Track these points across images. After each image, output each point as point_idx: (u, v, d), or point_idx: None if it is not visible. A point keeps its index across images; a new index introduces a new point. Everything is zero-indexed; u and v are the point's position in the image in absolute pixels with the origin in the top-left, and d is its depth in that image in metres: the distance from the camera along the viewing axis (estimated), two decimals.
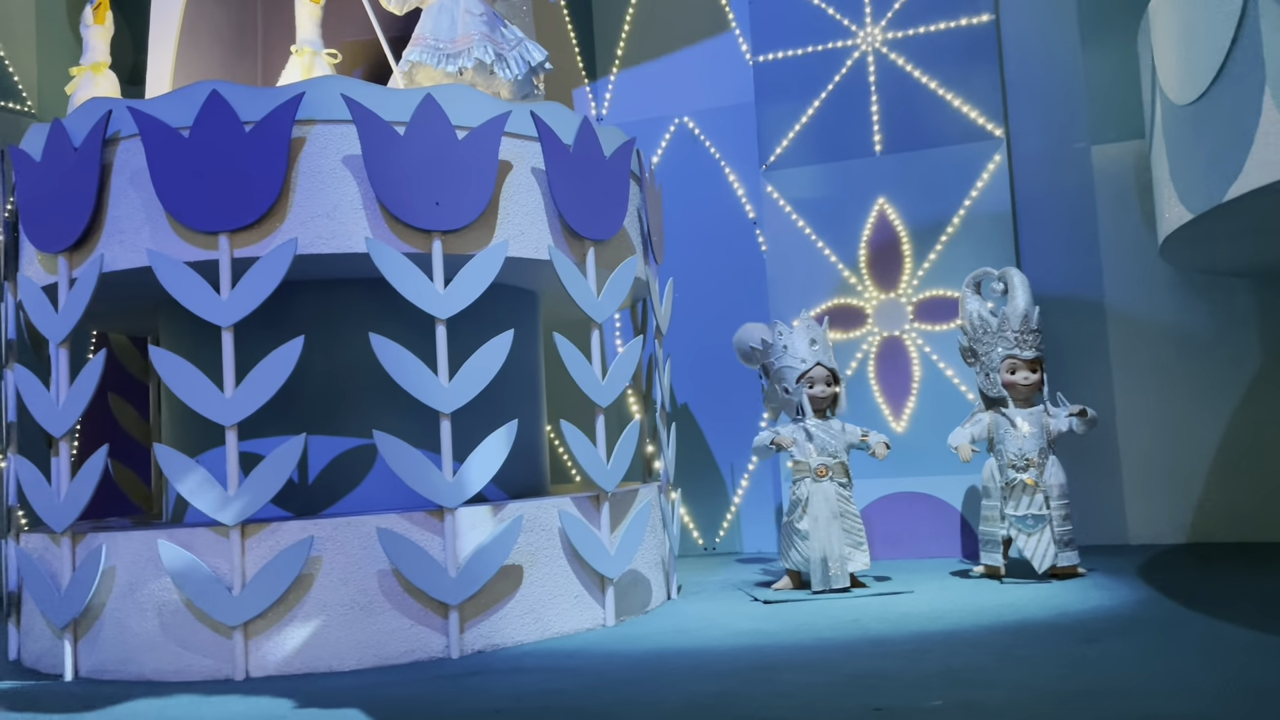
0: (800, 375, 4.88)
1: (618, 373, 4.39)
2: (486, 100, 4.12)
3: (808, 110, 6.13)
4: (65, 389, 3.94)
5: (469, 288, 3.96)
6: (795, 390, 4.87)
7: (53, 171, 3.99)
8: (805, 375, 4.88)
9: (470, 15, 4.48)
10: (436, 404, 3.89)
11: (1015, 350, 4.75)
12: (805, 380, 4.87)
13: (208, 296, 3.77)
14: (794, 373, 4.90)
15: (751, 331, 5.24)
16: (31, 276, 4.14)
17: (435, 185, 3.93)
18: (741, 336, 5.26)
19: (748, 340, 5.22)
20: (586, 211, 4.32)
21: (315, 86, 3.88)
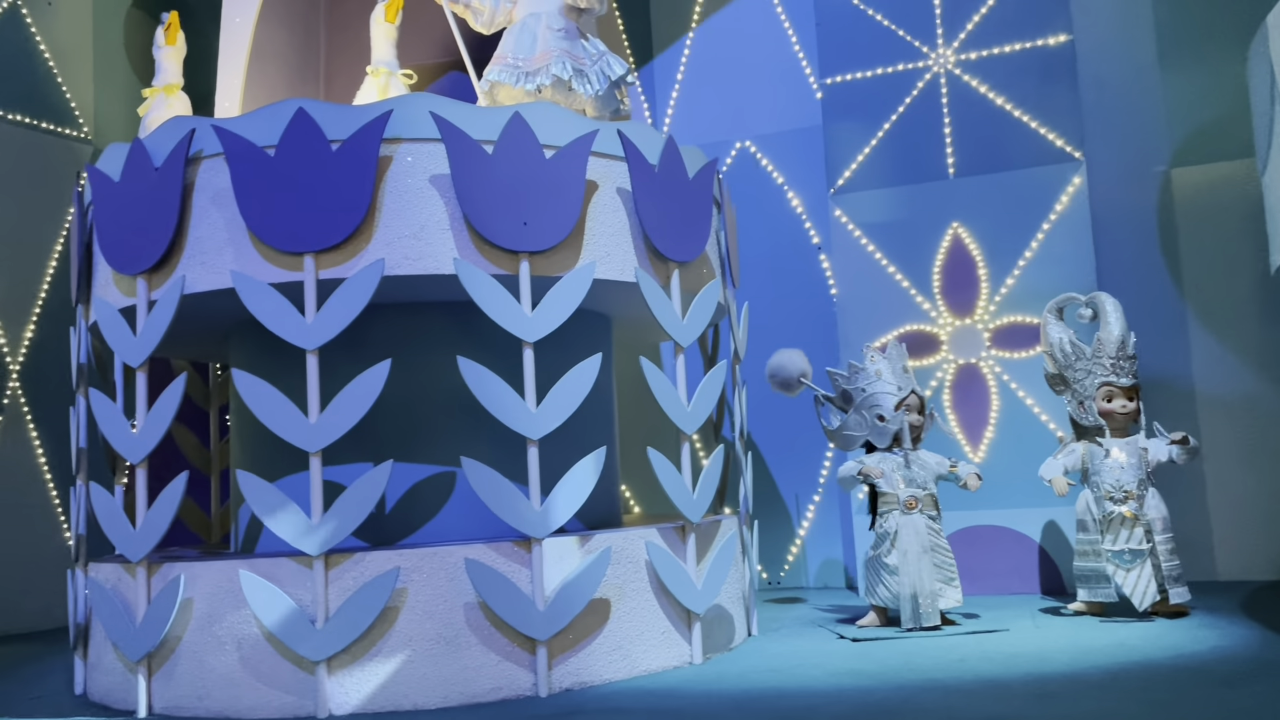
0: (899, 402, 4.71)
1: (703, 398, 4.25)
2: (574, 119, 4.02)
3: (877, 133, 6.01)
4: (143, 414, 3.83)
5: (557, 310, 3.83)
6: (894, 418, 4.69)
7: (132, 192, 3.91)
8: (903, 403, 4.71)
9: (550, 31, 4.39)
10: (524, 430, 3.76)
11: (1112, 377, 4.58)
12: (903, 408, 4.71)
13: (292, 319, 3.66)
14: (890, 399, 4.72)
15: (793, 359, 5.03)
16: (107, 299, 4.05)
17: (523, 205, 3.82)
18: (783, 364, 5.03)
19: (790, 368, 5.01)
20: (671, 233, 4.20)
21: (403, 104, 3.79)
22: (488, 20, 4.62)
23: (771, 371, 4.98)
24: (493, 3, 4.59)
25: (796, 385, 4.95)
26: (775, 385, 5.00)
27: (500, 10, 4.59)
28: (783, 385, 4.97)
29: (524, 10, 4.50)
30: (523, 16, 4.48)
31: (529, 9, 4.48)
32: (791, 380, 4.93)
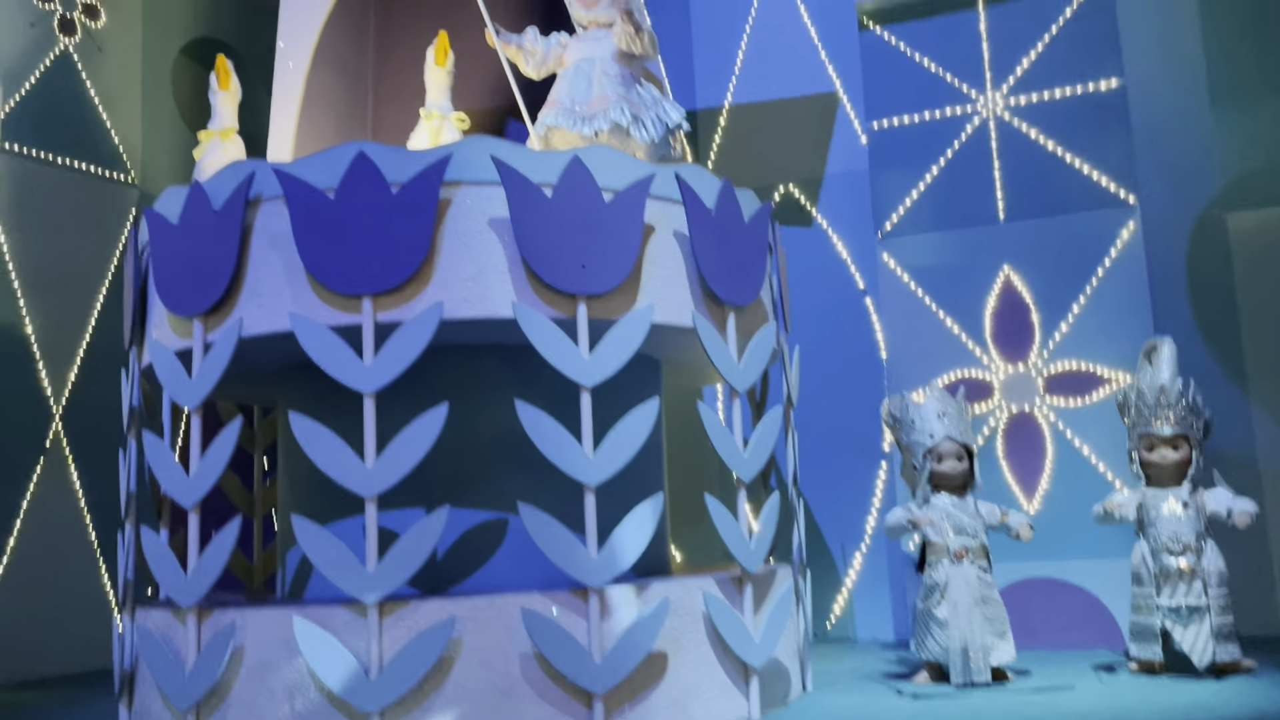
0: (927, 450, 4.61)
1: (759, 444, 4.17)
2: (632, 162, 4.00)
3: (925, 177, 5.97)
4: (197, 458, 3.79)
5: (615, 354, 3.78)
6: (923, 465, 4.60)
7: (190, 234, 3.91)
8: (933, 450, 4.61)
9: (606, 77, 4.39)
10: (581, 476, 3.69)
11: (1151, 426, 4.46)
12: (932, 455, 4.60)
13: (350, 362, 3.62)
14: (921, 447, 4.64)
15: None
16: (162, 341, 4.03)
17: (581, 248, 3.79)
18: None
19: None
20: (728, 276, 4.16)
21: (463, 148, 3.78)
22: (539, 64, 4.63)
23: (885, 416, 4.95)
24: (545, 47, 4.60)
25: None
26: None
27: (551, 55, 4.61)
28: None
29: (576, 55, 4.50)
30: (575, 61, 4.48)
31: (582, 54, 4.48)
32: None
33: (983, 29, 5.94)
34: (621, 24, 4.33)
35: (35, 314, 6.47)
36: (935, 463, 4.57)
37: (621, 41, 4.39)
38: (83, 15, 7.01)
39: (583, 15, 4.52)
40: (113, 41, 7.16)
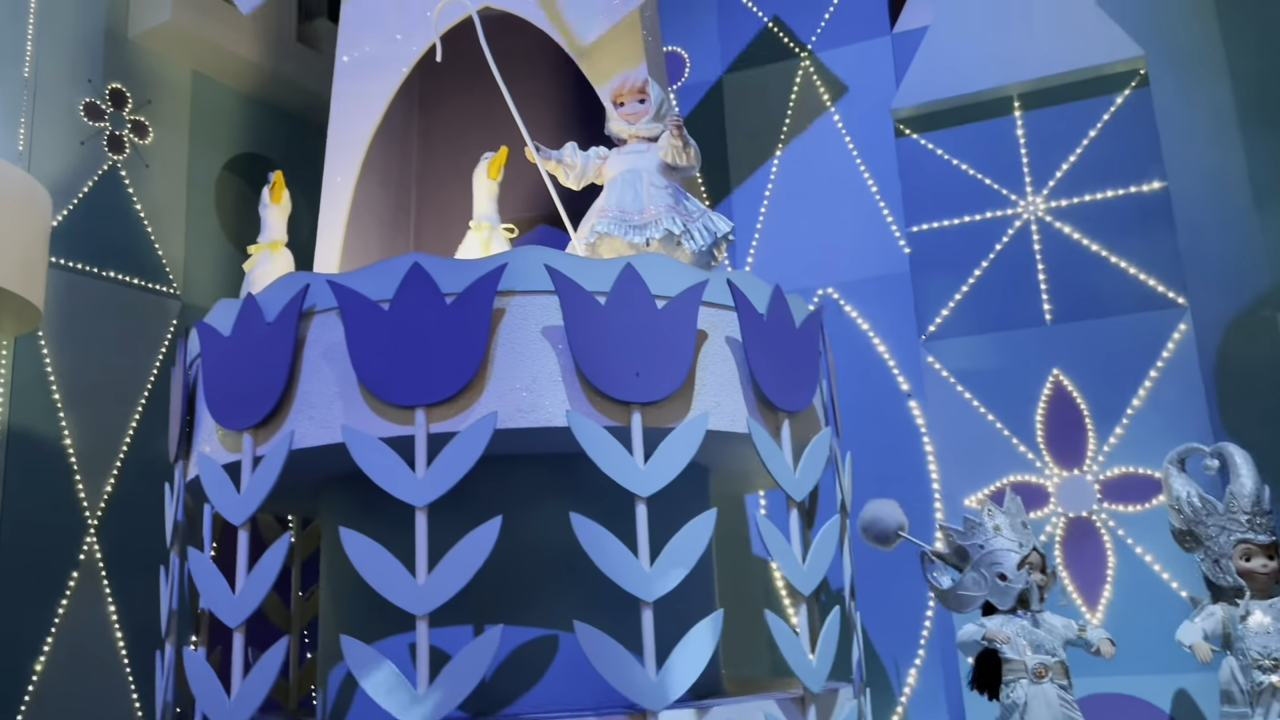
0: (1021, 560, 4.44)
1: (818, 556, 4.03)
2: (683, 269, 3.98)
3: (968, 279, 5.94)
4: (243, 575, 3.69)
5: (670, 463, 3.69)
6: (1017, 577, 4.41)
7: (242, 346, 3.89)
8: (1026, 560, 4.45)
9: (655, 188, 4.41)
10: (638, 591, 3.56)
11: (1249, 534, 4.30)
12: (1025, 566, 4.44)
13: (402, 474, 3.55)
14: (1012, 557, 4.46)
15: (889, 510, 4.80)
16: (211, 454, 3.97)
17: (635, 355, 3.74)
18: (879, 515, 4.80)
19: (888, 521, 4.77)
20: (781, 382, 4.09)
21: (517, 257, 3.78)
22: (578, 176, 4.67)
23: (865, 524, 4.75)
24: (584, 160, 4.65)
25: (894, 539, 4.70)
26: (869, 539, 4.75)
27: (590, 167, 4.65)
28: (878, 539, 4.72)
29: (619, 167, 4.54)
30: (620, 172, 4.51)
31: (625, 165, 4.52)
32: (888, 533, 4.69)
33: (1020, 134, 5.99)
34: (670, 138, 4.37)
35: (74, 425, 6.46)
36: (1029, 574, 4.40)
37: (668, 155, 4.43)
38: (131, 133, 7.19)
39: (625, 129, 4.57)
40: (159, 158, 7.34)
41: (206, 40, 7.36)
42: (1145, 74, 5.77)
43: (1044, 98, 5.93)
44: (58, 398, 6.41)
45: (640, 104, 4.54)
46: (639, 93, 4.54)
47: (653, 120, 4.53)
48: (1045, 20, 5.92)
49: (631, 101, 4.54)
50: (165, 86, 7.45)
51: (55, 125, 6.69)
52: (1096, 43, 5.81)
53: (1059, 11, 5.90)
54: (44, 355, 6.39)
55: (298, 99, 8.26)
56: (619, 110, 4.56)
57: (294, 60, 8.07)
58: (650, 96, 4.54)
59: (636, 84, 4.53)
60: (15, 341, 6.24)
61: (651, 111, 4.53)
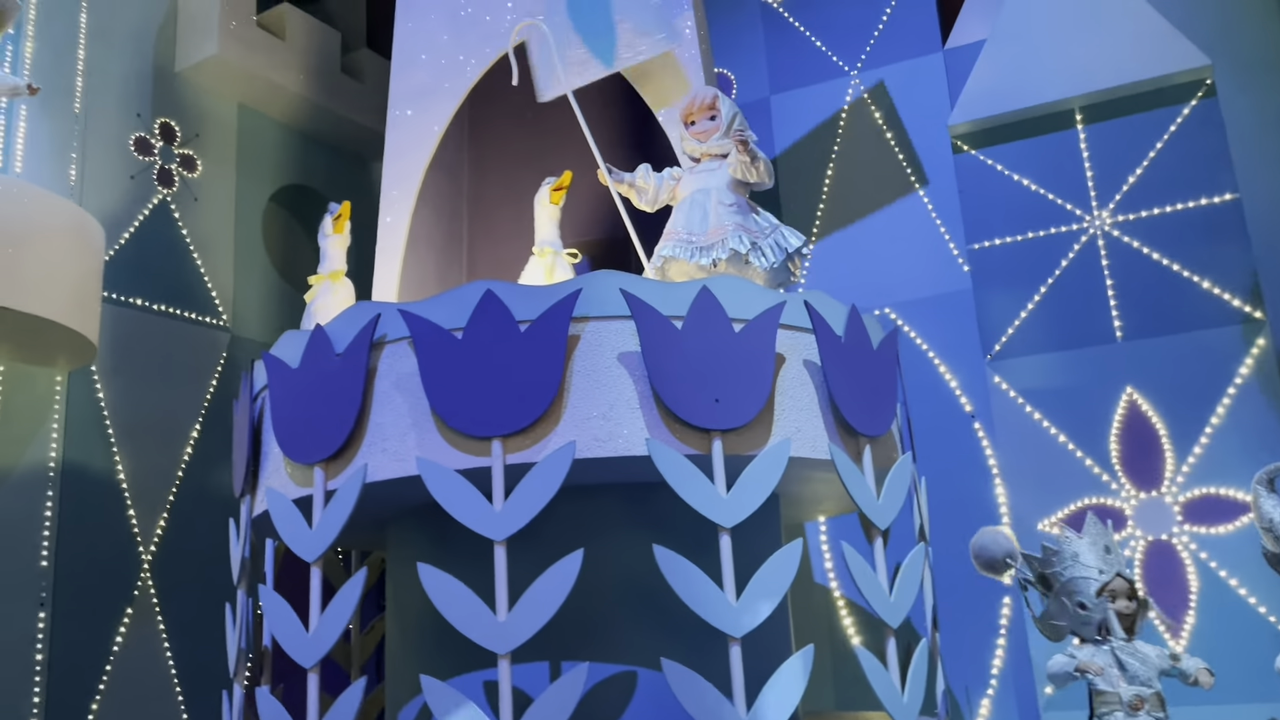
0: (1101, 588, 4.27)
1: (905, 587, 3.89)
2: (760, 291, 3.88)
3: (1034, 296, 5.80)
4: (316, 613, 3.60)
5: (753, 492, 3.57)
6: (1096, 606, 4.24)
7: (312, 378, 3.82)
8: (1106, 588, 4.27)
9: (722, 206, 4.32)
10: (725, 626, 3.43)
11: None
12: (1107, 593, 4.26)
13: (480, 507, 3.45)
14: (1090, 585, 4.29)
15: (997, 538, 4.63)
16: (280, 489, 3.89)
17: (714, 381, 3.63)
18: (985, 544, 4.63)
19: (995, 548, 4.60)
20: (861, 406, 3.96)
21: (591, 282, 3.69)
22: (651, 198, 4.58)
23: (976, 551, 4.58)
24: (656, 181, 4.57)
25: (1003, 567, 4.53)
26: (980, 566, 4.59)
27: (664, 188, 4.57)
28: (987, 567, 4.56)
29: (691, 186, 4.45)
30: (690, 192, 4.43)
31: (696, 185, 4.44)
32: (997, 561, 4.52)
33: (1083, 147, 5.86)
34: (738, 154, 4.28)
35: (127, 460, 6.42)
36: (1110, 601, 4.22)
37: (737, 171, 4.33)
38: (180, 167, 7.20)
39: (695, 148, 4.49)
40: (207, 190, 7.33)
41: (252, 73, 7.37)
42: (1212, 84, 5.63)
43: (1107, 110, 5.80)
44: (111, 432, 6.38)
45: (711, 121, 4.45)
46: (709, 109, 4.45)
47: (724, 137, 4.44)
48: (1106, 31, 5.80)
49: (702, 119, 4.46)
50: (212, 120, 7.46)
51: (106, 159, 6.70)
52: (1161, 53, 5.68)
53: (1120, 22, 5.78)
54: (97, 390, 6.36)
55: (342, 130, 8.26)
56: (690, 129, 4.48)
57: (338, 92, 8.07)
58: (721, 112, 4.45)
59: (706, 101, 4.45)
60: (69, 376, 6.22)
61: (723, 128, 4.44)
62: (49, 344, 5.74)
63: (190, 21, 7.27)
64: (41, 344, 5.73)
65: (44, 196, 5.52)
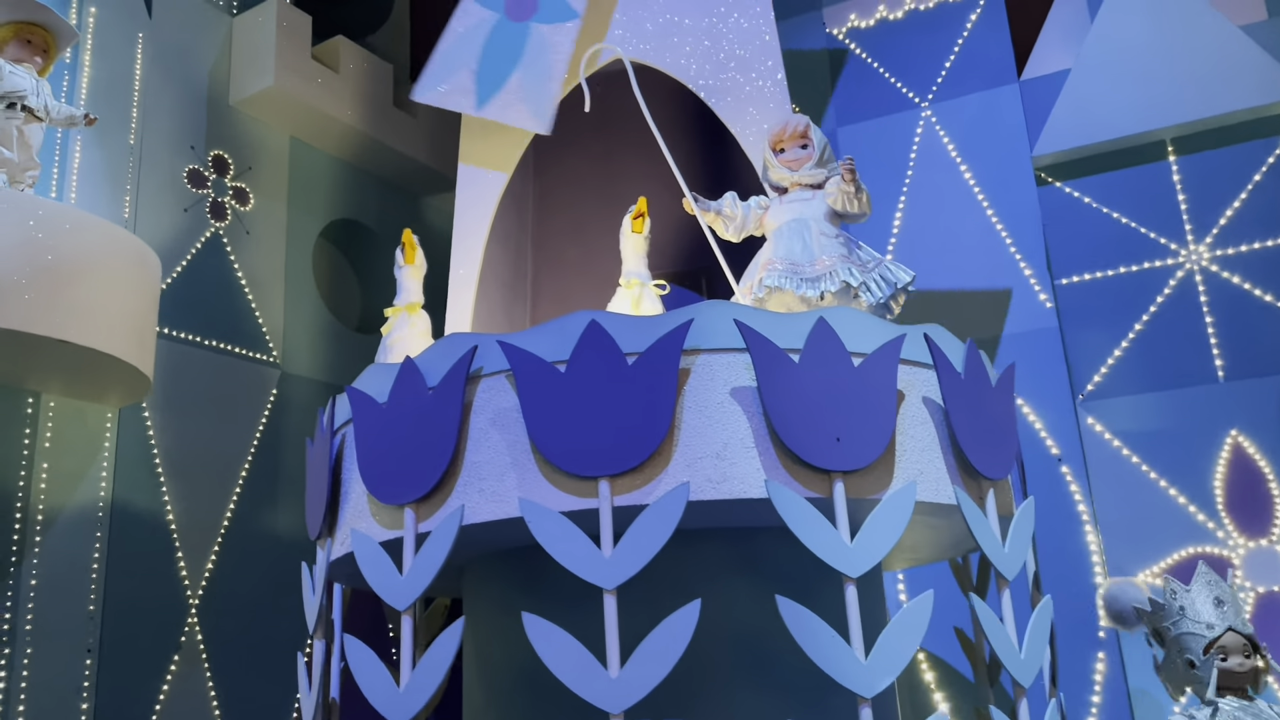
0: (1209, 644, 3.97)
1: (1035, 641, 3.61)
2: (876, 323, 3.65)
3: (1128, 334, 5.55)
4: (408, 666, 3.34)
5: (880, 539, 3.31)
6: (1204, 664, 3.95)
7: (401, 414, 3.59)
8: (1215, 644, 3.97)
9: (825, 238, 4.11)
10: (855, 685, 3.15)
11: None
12: (1216, 650, 3.96)
13: (588, 552, 3.20)
14: (1198, 641, 3.99)
15: (1128, 590, 4.36)
16: (365, 531, 3.65)
17: (835, 419, 3.39)
18: (1116, 595, 4.37)
19: (1125, 600, 4.33)
20: (984, 447, 3.71)
21: (703, 312, 3.46)
22: (738, 227, 4.38)
23: (1106, 602, 4.29)
24: (744, 210, 4.36)
25: (1134, 621, 4.23)
26: (1108, 618, 4.30)
27: (751, 217, 4.36)
28: (1116, 619, 4.27)
29: (784, 216, 4.24)
30: (785, 221, 4.22)
31: (790, 215, 4.22)
32: (1126, 614, 4.22)
33: (1176, 180, 5.64)
34: (841, 183, 4.07)
35: (176, 500, 6.20)
36: (1220, 659, 3.93)
37: (838, 202, 4.12)
38: (233, 200, 7.06)
39: (785, 177, 4.29)
40: (258, 224, 7.19)
41: (306, 105, 7.25)
42: None
43: (1200, 141, 5.59)
44: (160, 471, 6.16)
45: (803, 149, 4.25)
46: (801, 138, 4.25)
47: (816, 166, 4.24)
48: (1197, 61, 5.61)
49: (793, 147, 4.26)
50: (265, 153, 7.34)
51: (159, 192, 6.56)
52: (1257, 82, 5.48)
53: (1213, 51, 5.59)
54: (148, 427, 6.16)
55: (393, 164, 8.13)
56: (779, 157, 4.28)
57: (390, 125, 7.95)
58: (813, 141, 4.26)
59: (798, 129, 4.25)
60: (119, 413, 6.02)
61: (815, 157, 4.24)
62: (102, 378, 5.55)
63: (246, 53, 7.17)
64: (94, 378, 5.54)
65: (103, 226, 5.36)
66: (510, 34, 4.92)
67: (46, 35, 5.43)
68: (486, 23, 4.88)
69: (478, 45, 4.76)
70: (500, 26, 4.90)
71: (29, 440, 5.54)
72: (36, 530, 5.45)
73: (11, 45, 5.32)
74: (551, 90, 4.82)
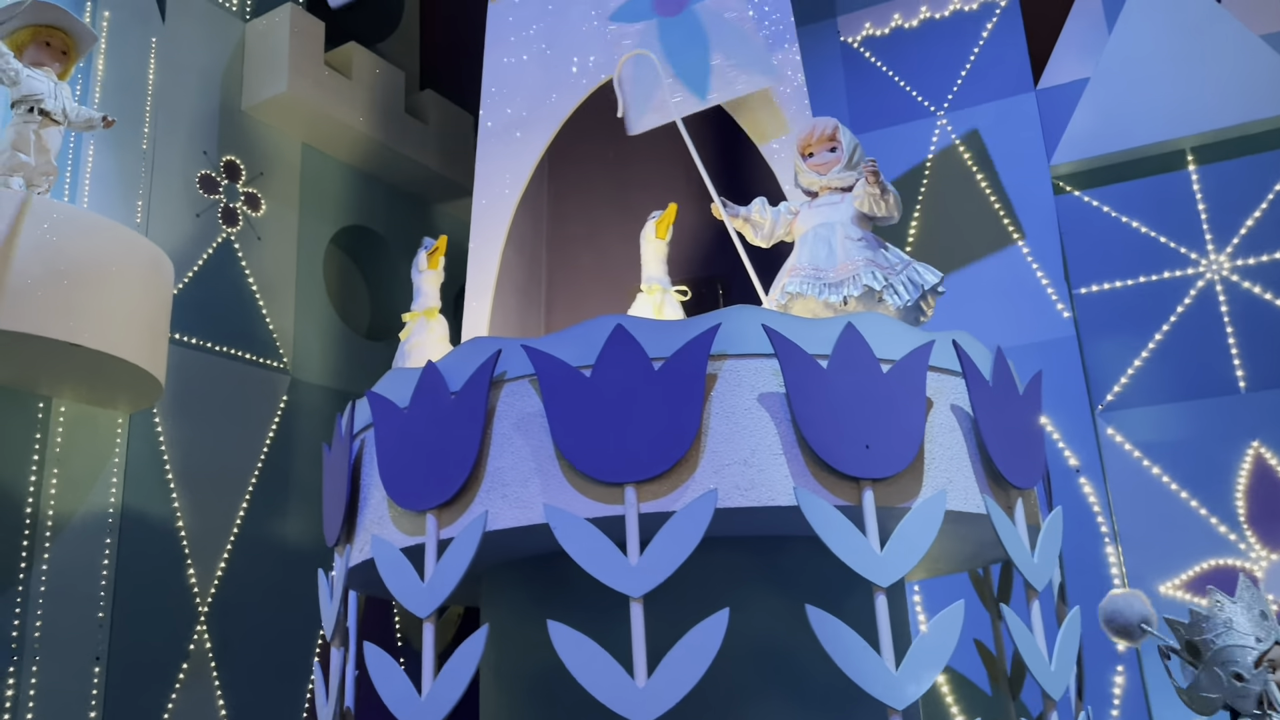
0: (1260, 657, 3.91)
1: (1064, 654, 3.56)
2: (905, 329, 3.61)
3: (1148, 344, 5.51)
4: (430, 675, 3.28)
5: (910, 548, 3.26)
6: (1255, 677, 3.88)
7: (423, 419, 3.54)
8: (1265, 657, 3.91)
9: (850, 241, 4.06)
10: (887, 697, 3.10)
11: None
12: (1266, 664, 3.90)
13: (614, 560, 3.15)
14: (1248, 654, 3.93)
15: (1131, 602, 4.26)
16: (385, 538, 3.59)
17: (864, 426, 3.34)
18: (1119, 608, 4.23)
19: (1129, 613, 4.23)
20: (1013, 456, 3.66)
21: (730, 317, 3.42)
22: (768, 233, 4.34)
23: (1107, 616, 4.21)
24: (773, 216, 4.32)
25: (1139, 634, 4.17)
26: (1111, 632, 4.22)
27: (780, 222, 4.32)
28: (1120, 633, 4.19)
29: (812, 221, 4.20)
30: (812, 227, 4.18)
31: (818, 219, 4.18)
32: (1131, 627, 4.15)
33: (1196, 189, 5.61)
34: (866, 185, 4.04)
35: (186, 507, 6.15)
36: (1270, 672, 3.87)
37: (864, 204, 4.08)
38: (245, 205, 7.03)
39: (815, 181, 4.25)
40: (270, 230, 7.15)
41: (318, 111, 7.23)
42: None
43: (1220, 150, 5.56)
44: (170, 478, 6.11)
45: (831, 153, 4.21)
46: (829, 141, 4.21)
47: (845, 169, 4.20)
48: (1218, 70, 5.58)
49: (821, 151, 4.21)
50: (276, 159, 7.31)
51: (171, 197, 6.53)
52: (1276, 91, 5.45)
53: (1232, 61, 5.56)
54: (158, 433, 6.11)
55: (403, 171, 8.10)
56: (807, 161, 4.24)
57: (401, 132, 7.92)
58: (842, 144, 4.21)
59: (826, 131, 4.21)
60: (130, 419, 5.97)
61: (844, 160, 4.20)
62: (113, 384, 5.51)
63: (260, 58, 7.15)
64: (106, 383, 5.50)
65: (117, 230, 5.33)
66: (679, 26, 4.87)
67: (66, 38, 5.40)
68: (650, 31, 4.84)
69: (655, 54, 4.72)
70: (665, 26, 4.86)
71: (39, 446, 5.49)
72: (46, 537, 5.40)
73: (30, 48, 5.28)
74: (757, 44, 4.79)
